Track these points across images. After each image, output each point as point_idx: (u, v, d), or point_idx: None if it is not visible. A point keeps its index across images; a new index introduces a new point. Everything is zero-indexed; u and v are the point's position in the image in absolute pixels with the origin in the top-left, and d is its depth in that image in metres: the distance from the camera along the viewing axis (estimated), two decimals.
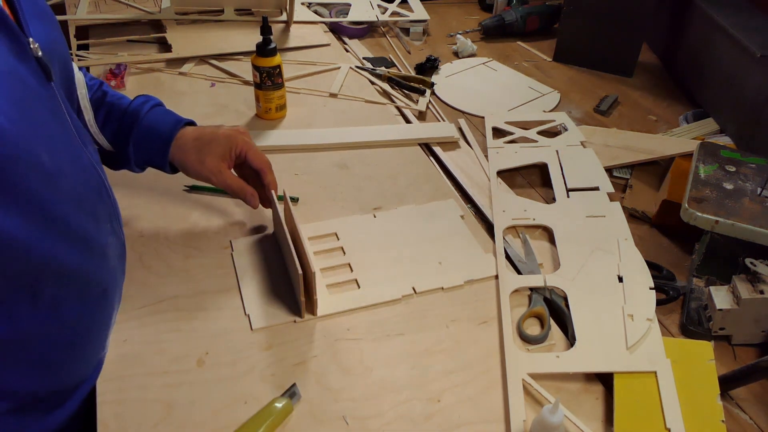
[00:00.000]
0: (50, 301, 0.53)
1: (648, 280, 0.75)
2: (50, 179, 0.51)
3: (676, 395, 0.62)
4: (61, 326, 0.55)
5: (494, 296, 0.74)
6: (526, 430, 0.59)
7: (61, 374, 0.59)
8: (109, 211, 0.62)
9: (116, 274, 0.64)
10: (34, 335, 0.53)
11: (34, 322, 0.53)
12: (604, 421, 0.61)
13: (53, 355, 0.56)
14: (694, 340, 0.69)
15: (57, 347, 0.56)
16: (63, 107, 0.56)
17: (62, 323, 0.55)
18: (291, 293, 0.72)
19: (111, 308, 0.63)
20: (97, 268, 0.59)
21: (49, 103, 0.54)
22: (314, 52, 1.31)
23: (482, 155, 1.01)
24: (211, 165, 0.75)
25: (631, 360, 0.65)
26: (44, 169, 0.50)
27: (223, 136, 0.76)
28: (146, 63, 1.20)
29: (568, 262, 0.78)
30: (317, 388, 0.62)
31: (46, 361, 0.56)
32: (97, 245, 0.58)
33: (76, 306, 0.56)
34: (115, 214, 0.64)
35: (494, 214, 0.87)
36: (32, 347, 0.54)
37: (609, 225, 0.84)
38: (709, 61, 1.16)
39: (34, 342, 0.54)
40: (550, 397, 0.62)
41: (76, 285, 0.56)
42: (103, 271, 0.60)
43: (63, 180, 0.53)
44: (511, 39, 1.49)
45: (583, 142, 1.03)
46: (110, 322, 0.64)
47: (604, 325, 0.70)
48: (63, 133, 0.55)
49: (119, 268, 0.65)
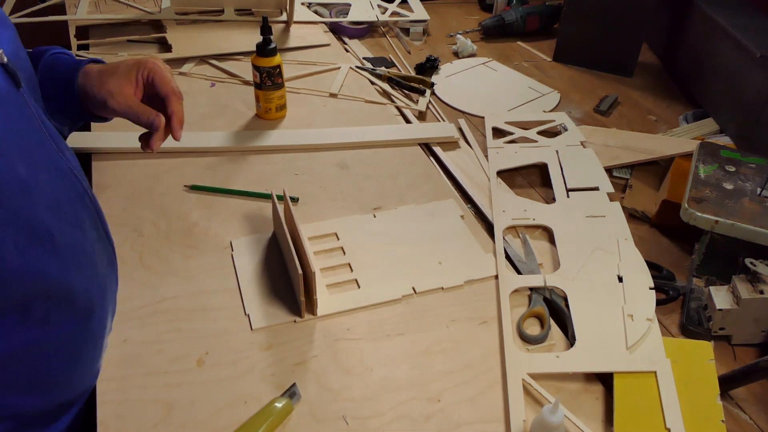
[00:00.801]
0: (41, 316, 0.52)
1: (648, 280, 0.75)
2: (29, 191, 0.49)
3: (676, 395, 0.62)
4: (56, 340, 0.55)
5: (494, 296, 0.74)
6: (526, 430, 0.59)
7: (61, 388, 0.58)
8: (94, 218, 0.61)
9: (107, 281, 0.63)
10: (30, 350, 0.53)
11: (26, 338, 0.52)
12: (604, 421, 0.61)
13: (51, 370, 0.56)
14: (693, 341, 0.69)
15: (53, 361, 0.55)
16: (35, 114, 0.54)
17: (56, 337, 0.55)
18: (291, 293, 0.72)
19: (104, 317, 0.62)
20: (86, 277, 0.57)
21: (20, 111, 0.52)
22: (314, 52, 1.31)
23: (482, 155, 1.01)
24: (112, 85, 0.68)
25: (631, 360, 0.65)
26: (21, 180, 0.48)
27: (131, 61, 0.70)
28: None
29: (568, 262, 0.78)
30: (317, 388, 0.62)
31: (44, 376, 0.55)
32: (83, 254, 0.57)
33: (68, 318, 0.55)
34: (101, 221, 0.63)
35: (494, 214, 0.87)
36: (29, 363, 0.53)
37: (609, 225, 0.84)
38: (709, 61, 1.16)
39: (30, 357, 0.53)
40: (550, 397, 0.62)
41: (66, 297, 0.55)
42: (93, 280, 0.59)
43: (42, 190, 0.51)
44: (511, 39, 1.49)
45: (583, 142, 1.03)
46: (105, 331, 0.62)
47: (604, 325, 0.70)
48: (38, 142, 0.54)
49: (110, 275, 0.64)
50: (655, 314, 0.70)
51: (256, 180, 0.91)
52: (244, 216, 0.84)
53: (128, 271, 0.74)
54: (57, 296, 0.54)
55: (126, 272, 0.74)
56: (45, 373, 0.55)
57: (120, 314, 0.67)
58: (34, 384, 0.55)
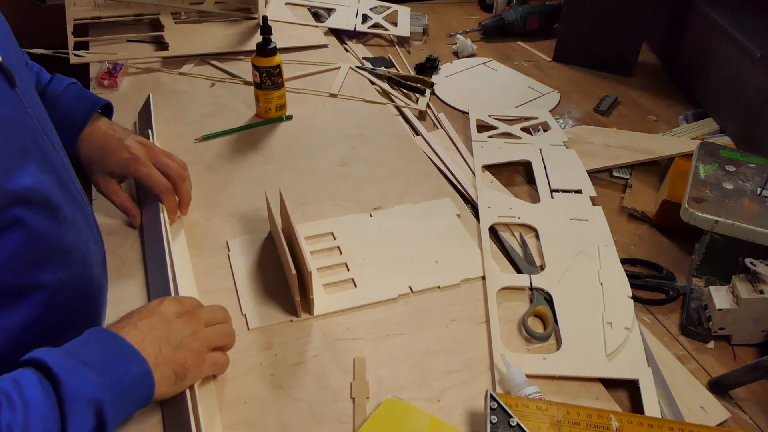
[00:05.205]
0: (38, 314, 0.53)
1: (626, 288, 0.75)
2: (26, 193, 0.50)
3: (659, 405, 0.61)
4: (54, 338, 0.55)
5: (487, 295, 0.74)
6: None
7: None
8: (87, 218, 0.62)
9: (101, 280, 0.63)
10: (28, 343, 0.53)
11: (26, 334, 0.52)
12: None
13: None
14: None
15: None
16: (31, 114, 0.55)
17: (53, 335, 0.55)
18: (288, 293, 0.72)
19: (100, 319, 0.63)
20: (82, 275, 0.58)
21: (16, 111, 0.53)
22: (314, 52, 1.31)
23: (465, 149, 1.02)
24: (98, 177, 0.77)
25: (613, 367, 0.65)
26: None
27: (122, 161, 0.76)
28: (142, 59, 1.20)
29: (553, 264, 0.78)
30: (317, 388, 0.62)
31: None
32: (77, 252, 0.58)
33: (64, 317, 0.55)
34: (93, 221, 0.64)
35: (480, 210, 0.87)
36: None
37: (592, 229, 0.84)
38: (709, 61, 1.16)
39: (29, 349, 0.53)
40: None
41: (63, 296, 0.55)
42: (88, 278, 0.59)
43: (35, 190, 0.52)
44: (511, 39, 1.49)
45: (566, 142, 1.03)
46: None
47: (587, 329, 0.69)
48: (33, 141, 0.54)
49: (102, 276, 0.65)
50: (635, 322, 0.70)
51: (257, 180, 0.91)
52: (243, 216, 0.84)
53: (128, 271, 0.74)
54: (55, 293, 0.54)
55: (126, 272, 0.74)
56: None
57: (120, 314, 0.67)
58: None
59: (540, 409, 0.57)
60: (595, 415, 0.57)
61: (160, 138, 0.97)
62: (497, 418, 0.55)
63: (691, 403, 0.63)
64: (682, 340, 0.72)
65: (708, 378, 0.67)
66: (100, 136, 0.76)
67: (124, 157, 0.76)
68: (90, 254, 0.60)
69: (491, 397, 0.56)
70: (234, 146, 0.98)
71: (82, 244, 0.59)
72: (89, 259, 0.60)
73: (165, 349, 0.55)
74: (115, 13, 1.32)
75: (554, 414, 0.57)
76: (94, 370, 0.48)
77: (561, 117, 1.15)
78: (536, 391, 0.60)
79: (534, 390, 0.60)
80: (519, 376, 0.61)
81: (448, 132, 1.07)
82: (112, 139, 0.77)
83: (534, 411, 0.57)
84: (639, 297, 0.76)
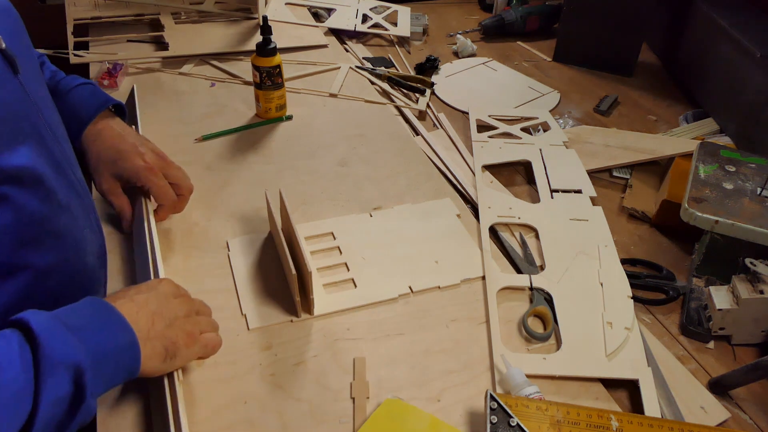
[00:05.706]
0: (25, 295, 0.53)
1: (626, 288, 0.75)
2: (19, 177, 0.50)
3: (659, 406, 0.61)
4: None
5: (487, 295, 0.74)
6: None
7: None
8: (85, 207, 0.62)
9: (96, 272, 0.63)
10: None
11: (11, 314, 0.52)
12: None
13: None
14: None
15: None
16: (33, 101, 0.55)
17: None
18: (288, 293, 0.72)
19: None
20: (74, 262, 0.58)
21: (16, 97, 0.53)
22: (314, 52, 1.31)
23: (465, 149, 1.02)
24: (102, 177, 0.76)
25: (613, 367, 0.65)
26: (13, 166, 0.50)
27: (135, 167, 0.75)
28: (142, 59, 1.20)
29: (553, 264, 0.78)
30: (317, 388, 0.62)
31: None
32: (71, 237, 0.58)
33: (54, 302, 0.55)
34: (93, 211, 0.64)
35: (480, 210, 0.87)
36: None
37: (592, 229, 0.84)
38: (709, 61, 1.16)
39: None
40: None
41: (52, 280, 0.55)
42: (80, 266, 0.60)
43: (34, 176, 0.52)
44: (511, 39, 1.49)
45: (566, 142, 1.03)
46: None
47: (587, 329, 0.69)
48: (32, 128, 0.55)
49: (99, 267, 0.65)
50: (635, 323, 0.70)
51: (257, 180, 0.91)
52: (243, 216, 0.84)
53: (129, 272, 0.74)
54: (44, 278, 0.54)
55: (126, 272, 0.74)
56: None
57: None
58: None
59: (540, 409, 0.57)
60: (595, 415, 0.57)
61: (161, 138, 0.97)
62: (497, 418, 0.55)
63: (691, 403, 0.63)
64: (682, 340, 0.72)
65: (708, 378, 0.67)
66: (112, 136, 0.76)
67: (137, 164, 0.75)
68: (85, 242, 0.60)
69: (491, 397, 0.56)
70: (234, 146, 0.99)
71: (77, 231, 0.59)
72: (84, 247, 0.60)
73: (158, 324, 0.55)
74: (115, 13, 1.32)
75: (554, 414, 0.57)
76: (77, 334, 0.47)
77: (561, 117, 1.15)
78: (536, 391, 0.60)
79: (534, 390, 0.60)
80: (519, 376, 0.61)
81: (448, 132, 1.07)
82: (126, 142, 0.76)
83: (534, 411, 0.57)
84: (639, 297, 0.76)
